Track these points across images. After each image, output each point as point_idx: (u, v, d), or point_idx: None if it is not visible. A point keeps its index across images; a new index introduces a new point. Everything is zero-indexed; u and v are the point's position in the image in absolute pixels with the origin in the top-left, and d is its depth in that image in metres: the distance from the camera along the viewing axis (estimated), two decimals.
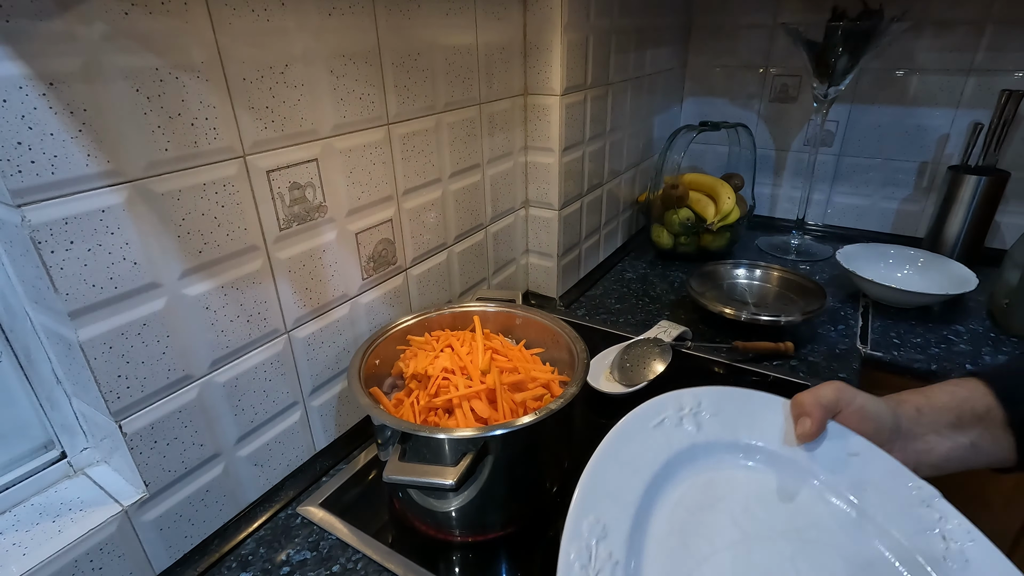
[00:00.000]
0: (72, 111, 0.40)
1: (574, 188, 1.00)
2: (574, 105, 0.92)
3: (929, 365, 0.83)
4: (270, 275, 0.58)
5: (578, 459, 0.70)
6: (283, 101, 0.54)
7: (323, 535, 0.59)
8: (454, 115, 0.77)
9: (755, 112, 1.36)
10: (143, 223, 0.46)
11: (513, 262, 1.01)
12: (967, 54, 1.11)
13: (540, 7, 0.84)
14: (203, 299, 0.52)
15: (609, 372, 0.81)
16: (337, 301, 0.66)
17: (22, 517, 0.49)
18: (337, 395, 0.70)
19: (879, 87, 1.20)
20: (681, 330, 0.88)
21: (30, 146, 0.39)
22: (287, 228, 0.58)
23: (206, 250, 0.51)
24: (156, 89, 0.44)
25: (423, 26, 0.68)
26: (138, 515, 0.52)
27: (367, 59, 0.62)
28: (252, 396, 0.59)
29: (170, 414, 0.52)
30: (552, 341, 0.70)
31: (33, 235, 0.40)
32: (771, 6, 1.26)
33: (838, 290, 1.04)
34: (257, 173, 0.54)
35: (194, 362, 0.53)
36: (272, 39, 0.52)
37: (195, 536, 0.57)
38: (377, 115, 0.65)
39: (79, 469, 0.54)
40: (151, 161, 0.45)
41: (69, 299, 0.43)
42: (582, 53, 0.90)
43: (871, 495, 0.43)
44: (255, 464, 0.61)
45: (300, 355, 0.63)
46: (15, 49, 0.37)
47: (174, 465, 0.53)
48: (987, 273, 0.98)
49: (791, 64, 1.28)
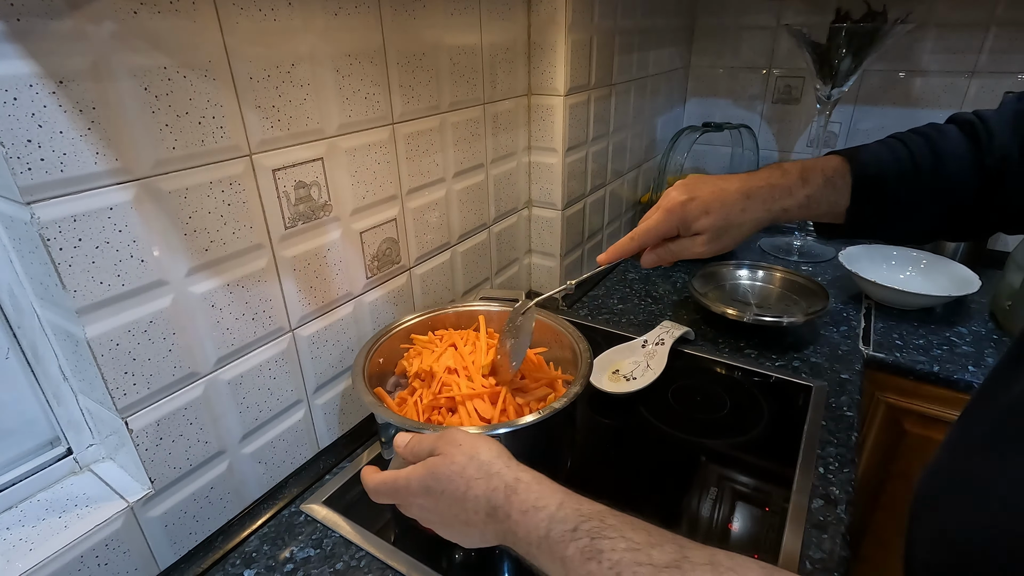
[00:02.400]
0: (81, 109, 0.40)
1: (577, 188, 1.01)
2: (578, 106, 0.93)
3: (932, 367, 0.83)
4: (275, 273, 0.58)
5: (580, 458, 0.71)
6: (289, 100, 0.55)
7: (326, 533, 0.60)
8: (458, 115, 0.77)
9: (758, 113, 1.36)
10: (150, 221, 0.46)
11: (516, 262, 1.01)
12: (971, 56, 1.12)
13: (544, 8, 0.84)
14: (209, 297, 0.52)
15: (612, 372, 0.82)
16: (341, 300, 0.67)
17: (28, 513, 0.50)
18: (341, 393, 0.70)
19: (882, 89, 1.20)
20: (684, 331, 0.88)
21: (40, 144, 0.39)
22: (292, 227, 0.58)
23: (212, 248, 0.51)
24: (164, 88, 0.45)
25: (428, 26, 0.69)
26: (143, 511, 0.52)
27: (372, 59, 0.62)
28: (257, 394, 0.59)
29: (176, 411, 0.52)
30: (555, 340, 0.70)
31: (42, 232, 0.40)
32: (774, 7, 1.26)
33: (840, 291, 1.04)
34: (263, 172, 0.54)
35: (200, 359, 0.53)
36: (279, 38, 0.53)
37: (199, 533, 0.57)
38: (382, 114, 0.66)
39: (85, 465, 0.54)
40: (159, 159, 0.46)
41: (77, 296, 0.43)
42: (586, 54, 0.91)
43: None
44: (259, 461, 0.62)
45: (304, 353, 0.63)
46: (25, 48, 0.37)
47: (179, 462, 0.53)
48: (990, 275, 0.98)
49: (794, 65, 1.29)
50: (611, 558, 0.31)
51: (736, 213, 0.53)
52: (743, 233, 0.54)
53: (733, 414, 0.75)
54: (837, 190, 0.52)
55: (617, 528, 0.33)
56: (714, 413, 0.76)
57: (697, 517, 0.61)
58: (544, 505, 0.35)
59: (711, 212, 0.53)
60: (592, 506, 0.35)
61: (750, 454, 0.69)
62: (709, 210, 0.53)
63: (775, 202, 0.53)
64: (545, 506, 0.35)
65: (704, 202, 0.53)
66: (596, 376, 0.79)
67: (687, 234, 0.55)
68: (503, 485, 0.37)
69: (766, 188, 0.53)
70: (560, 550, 0.33)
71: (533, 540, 0.35)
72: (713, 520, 0.60)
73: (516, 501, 0.36)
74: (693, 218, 0.53)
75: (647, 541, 0.32)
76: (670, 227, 0.55)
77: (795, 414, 0.74)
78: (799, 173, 0.53)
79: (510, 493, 0.37)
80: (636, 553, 0.31)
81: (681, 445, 0.71)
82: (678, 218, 0.54)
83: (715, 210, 0.53)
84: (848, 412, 0.74)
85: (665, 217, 0.54)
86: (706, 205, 0.53)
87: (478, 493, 0.38)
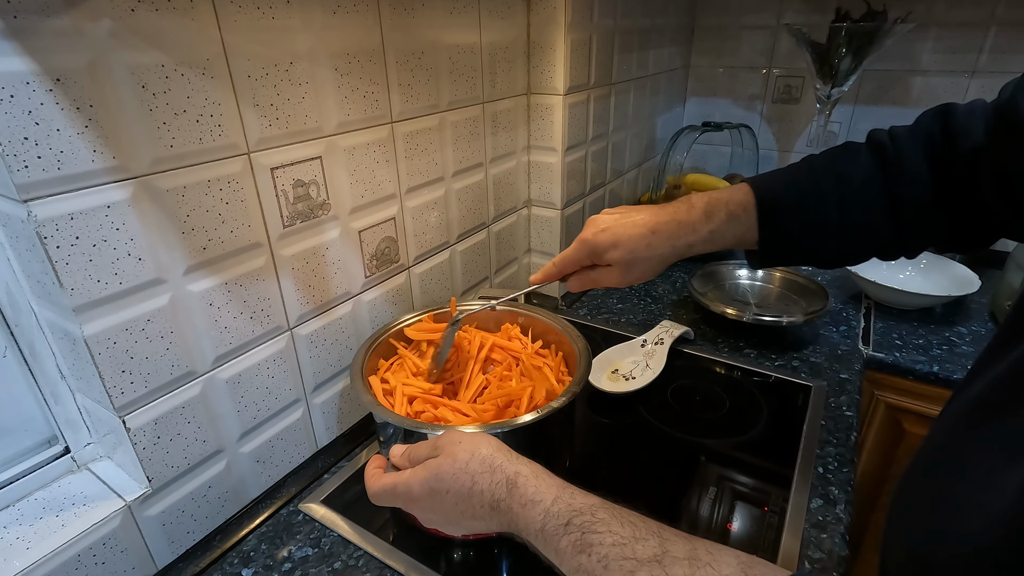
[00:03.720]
0: (78, 107, 0.40)
1: (577, 188, 1.00)
2: (577, 105, 0.93)
3: (931, 367, 0.83)
4: (273, 272, 0.58)
5: (579, 457, 0.71)
6: (288, 99, 0.55)
7: (325, 532, 0.60)
8: (457, 114, 0.77)
9: (758, 113, 1.36)
10: (148, 219, 0.46)
11: (515, 261, 1.01)
12: (970, 56, 1.11)
13: (544, 7, 0.84)
14: (207, 295, 0.52)
15: (611, 371, 0.82)
16: (340, 299, 0.67)
17: (26, 512, 0.49)
18: (339, 392, 0.70)
19: (882, 88, 1.20)
20: (683, 330, 0.88)
21: (37, 141, 0.39)
22: (291, 225, 0.58)
23: (210, 247, 0.51)
24: (162, 86, 0.45)
25: (427, 25, 0.68)
26: (141, 510, 0.52)
27: (371, 57, 0.62)
28: (255, 393, 0.59)
29: (173, 410, 0.52)
30: (554, 340, 0.70)
31: (39, 230, 0.40)
32: (774, 7, 1.26)
33: (840, 291, 1.04)
34: (261, 170, 0.54)
35: (197, 358, 0.53)
36: (277, 37, 0.52)
37: (197, 532, 0.57)
38: (381, 113, 0.65)
39: (82, 464, 0.54)
40: (156, 157, 0.46)
41: (74, 294, 0.43)
42: (585, 53, 0.90)
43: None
44: (257, 461, 0.62)
45: (303, 352, 0.63)
46: (22, 45, 0.37)
47: (177, 461, 0.53)
48: (990, 275, 0.98)
49: (794, 65, 1.28)
50: (599, 552, 0.33)
51: (642, 248, 0.54)
52: (652, 267, 0.56)
53: (732, 414, 0.75)
54: (741, 223, 0.53)
55: (606, 522, 0.35)
56: (713, 413, 0.76)
57: (696, 517, 0.61)
58: (540, 499, 0.37)
59: (619, 246, 0.54)
60: (585, 499, 0.37)
61: (749, 454, 0.69)
62: (617, 244, 0.54)
63: (679, 239, 0.54)
64: (541, 500, 0.37)
65: (614, 235, 0.55)
66: (595, 375, 0.79)
67: (601, 263, 0.57)
68: (505, 479, 0.39)
69: (672, 224, 0.54)
70: (554, 543, 0.35)
71: (532, 532, 0.37)
72: (712, 520, 0.60)
73: (516, 495, 0.38)
74: (603, 250, 0.55)
75: (633, 535, 0.34)
76: (582, 257, 0.57)
77: (794, 414, 0.74)
78: (704, 208, 0.54)
79: (511, 487, 0.38)
80: (622, 548, 0.33)
81: (680, 445, 0.71)
82: (589, 248, 0.56)
83: (622, 244, 0.54)
84: (847, 412, 0.74)
85: (578, 247, 0.57)
86: (615, 239, 0.54)
87: (483, 487, 0.39)
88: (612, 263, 0.56)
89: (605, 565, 0.32)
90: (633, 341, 0.87)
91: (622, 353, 0.85)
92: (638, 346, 0.86)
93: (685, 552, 0.32)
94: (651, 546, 0.33)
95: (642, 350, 0.85)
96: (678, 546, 0.33)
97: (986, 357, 0.37)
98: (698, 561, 0.31)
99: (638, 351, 0.85)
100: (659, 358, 0.82)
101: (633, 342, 0.87)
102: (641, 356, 0.84)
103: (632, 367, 0.82)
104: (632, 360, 0.84)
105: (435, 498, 0.41)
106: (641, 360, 0.83)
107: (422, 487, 0.41)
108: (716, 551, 0.32)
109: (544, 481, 0.38)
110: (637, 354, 0.85)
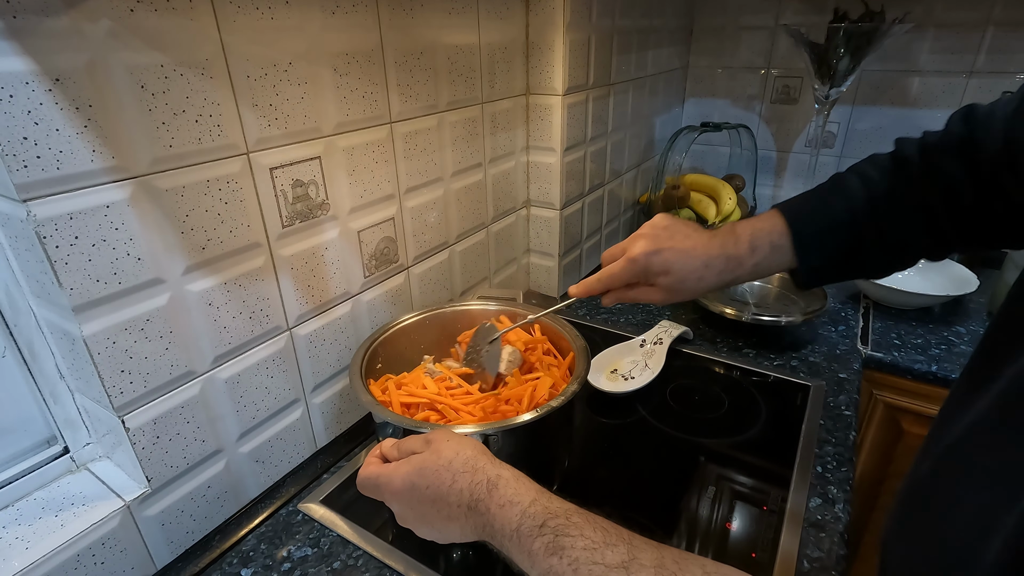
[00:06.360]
0: (78, 107, 0.40)
1: (575, 188, 1.01)
2: (576, 105, 0.93)
3: (930, 366, 0.83)
4: (272, 272, 0.58)
5: (578, 457, 0.71)
6: (286, 99, 0.55)
7: (324, 532, 0.60)
8: (456, 114, 0.77)
9: (756, 113, 1.37)
10: (147, 219, 0.46)
11: (514, 261, 1.01)
12: (968, 56, 1.12)
13: (543, 7, 0.84)
14: (206, 295, 0.52)
15: (610, 371, 0.82)
16: (339, 299, 0.67)
17: (25, 512, 0.49)
18: (338, 392, 0.70)
19: (880, 89, 1.20)
20: (682, 330, 0.88)
21: (36, 141, 0.39)
22: (290, 225, 0.58)
23: (209, 246, 0.51)
24: (161, 86, 0.45)
25: (426, 25, 0.69)
26: (140, 510, 0.52)
27: (370, 58, 0.62)
28: (254, 393, 0.59)
29: (172, 410, 0.52)
30: (553, 339, 0.70)
31: (38, 230, 0.40)
32: (773, 8, 1.26)
33: (839, 291, 1.04)
34: (260, 170, 0.54)
35: (197, 358, 0.53)
36: (276, 37, 0.53)
37: (196, 532, 0.57)
38: (380, 113, 0.66)
39: (82, 464, 0.54)
40: (155, 157, 0.46)
41: (73, 294, 0.43)
42: (584, 53, 0.91)
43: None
44: (256, 461, 0.62)
45: (302, 352, 0.63)
46: (22, 45, 0.37)
47: (176, 461, 0.53)
48: (988, 274, 0.98)
49: (792, 65, 1.29)
50: (571, 555, 0.34)
51: (693, 280, 0.55)
52: (696, 294, 0.57)
53: (731, 413, 0.75)
54: (784, 253, 0.55)
55: (579, 527, 0.35)
56: (712, 412, 0.76)
57: (695, 516, 0.61)
58: (519, 501, 0.38)
59: (671, 273, 0.55)
60: (561, 504, 0.38)
61: (748, 453, 0.69)
62: (669, 271, 0.55)
63: (728, 273, 0.55)
64: (519, 502, 0.38)
65: (666, 261, 0.55)
66: (594, 375, 0.79)
67: (646, 283, 0.57)
68: (486, 480, 0.39)
69: (722, 259, 0.55)
70: (528, 544, 0.36)
71: (507, 533, 0.37)
72: (711, 520, 0.60)
73: (496, 495, 0.38)
74: (654, 273, 0.56)
75: (603, 541, 0.34)
76: (632, 276, 0.57)
77: (793, 413, 0.74)
78: (749, 241, 0.55)
79: (491, 488, 0.39)
80: (592, 552, 0.34)
81: (679, 444, 0.71)
82: (640, 269, 0.56)
83: (675, 272, 0.55)
84: (846, 411, 0.74)
85: (627, 266, 0.56)
86: (668, 265, 0.55)
87: (463, 486, 0.39)
88: (659, 285, 0.56)
89: (575, 569, 0.33)
90: (632, 341, 0.87)
91: (621, 353, 0.85)
92: (637, 346, 0.86)
93: (652, 560, 0.33)
94: (620, 552, 0.33)
95: (641, 350, 0.85)
96: (646, 554, 0.33)
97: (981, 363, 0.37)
98: (664, 569, 0.32)
99: (637, 351, 0.85)
100: (658, 358, 0.82)
101: (632, 342, 0.87)
102: (640, 356, 0.84)
103: (631, 367, 0.82)
104: (631, 360, 0.84)
105: (414, 492, 0.41)
106: (640, 360, 0.83)
107: (403, 481, 0.42)
108: (683, 560, 0.33)
109: (523, 484, 0.39)
110: (636, 354, 0.85)
